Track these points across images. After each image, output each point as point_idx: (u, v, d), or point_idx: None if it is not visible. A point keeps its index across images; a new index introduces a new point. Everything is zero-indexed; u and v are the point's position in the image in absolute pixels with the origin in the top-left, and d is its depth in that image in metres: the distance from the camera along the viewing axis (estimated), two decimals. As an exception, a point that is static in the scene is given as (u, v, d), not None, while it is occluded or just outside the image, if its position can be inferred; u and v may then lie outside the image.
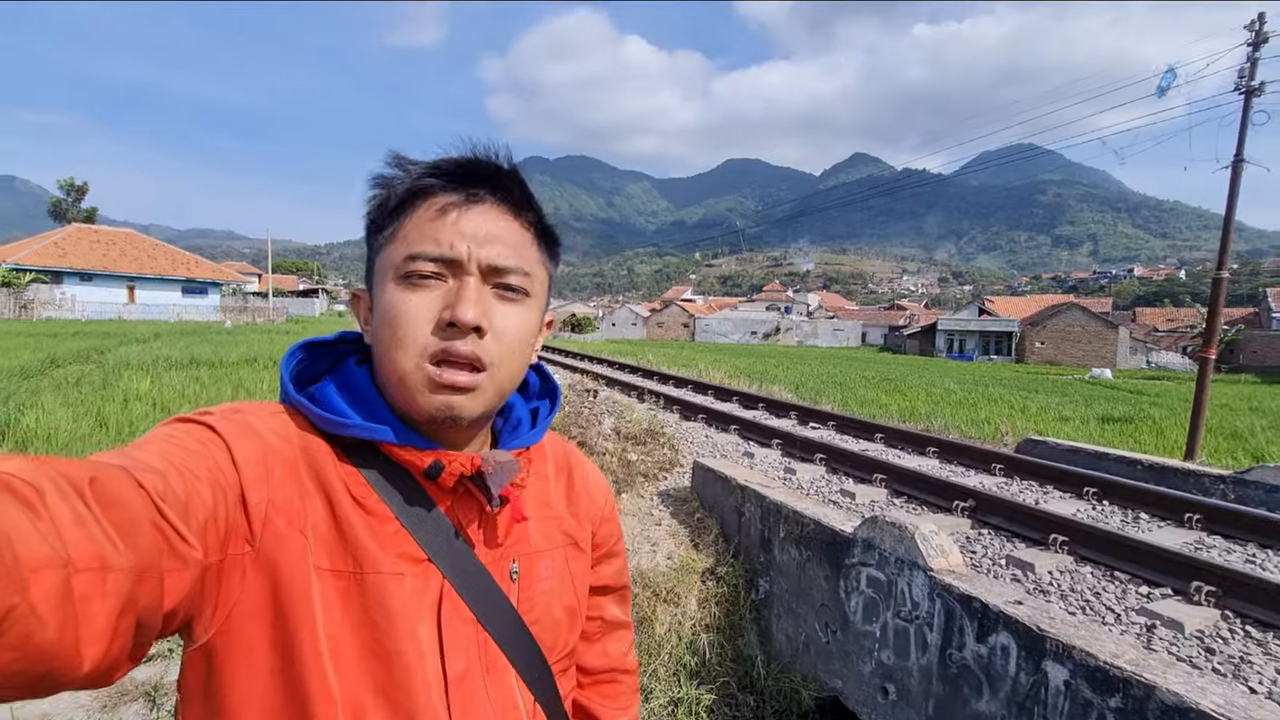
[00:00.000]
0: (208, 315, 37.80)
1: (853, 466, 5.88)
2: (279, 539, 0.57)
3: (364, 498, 0.63)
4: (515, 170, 0.69)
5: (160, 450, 0.53)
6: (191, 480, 0.52)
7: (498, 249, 0.65)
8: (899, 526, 3.23)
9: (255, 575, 0.56)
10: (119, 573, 0.43)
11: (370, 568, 0.61)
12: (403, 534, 0.63)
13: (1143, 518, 4.68)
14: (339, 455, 0.64)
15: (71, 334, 18.66)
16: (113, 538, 0.43)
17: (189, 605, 0.52)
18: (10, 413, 6.19)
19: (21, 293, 31.36)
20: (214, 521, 0.53)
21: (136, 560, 0.44)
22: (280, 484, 0.59)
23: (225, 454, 0.56)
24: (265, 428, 0.61)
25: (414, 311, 0.62)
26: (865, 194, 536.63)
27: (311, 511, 0.60)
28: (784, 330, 66.13)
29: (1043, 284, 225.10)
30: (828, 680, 3.67)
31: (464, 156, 0.67)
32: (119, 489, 0.45)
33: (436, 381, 0.62)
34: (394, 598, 0.61)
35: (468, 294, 0.63)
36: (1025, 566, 3.69)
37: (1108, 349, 42.37)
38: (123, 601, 0.43)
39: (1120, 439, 9.04)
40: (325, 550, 0.60)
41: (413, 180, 0.65)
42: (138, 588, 0.44)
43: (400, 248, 0.64)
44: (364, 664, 0.59)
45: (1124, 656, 2.27)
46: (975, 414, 10.69)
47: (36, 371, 9.91)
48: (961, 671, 2.82)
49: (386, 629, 0.60)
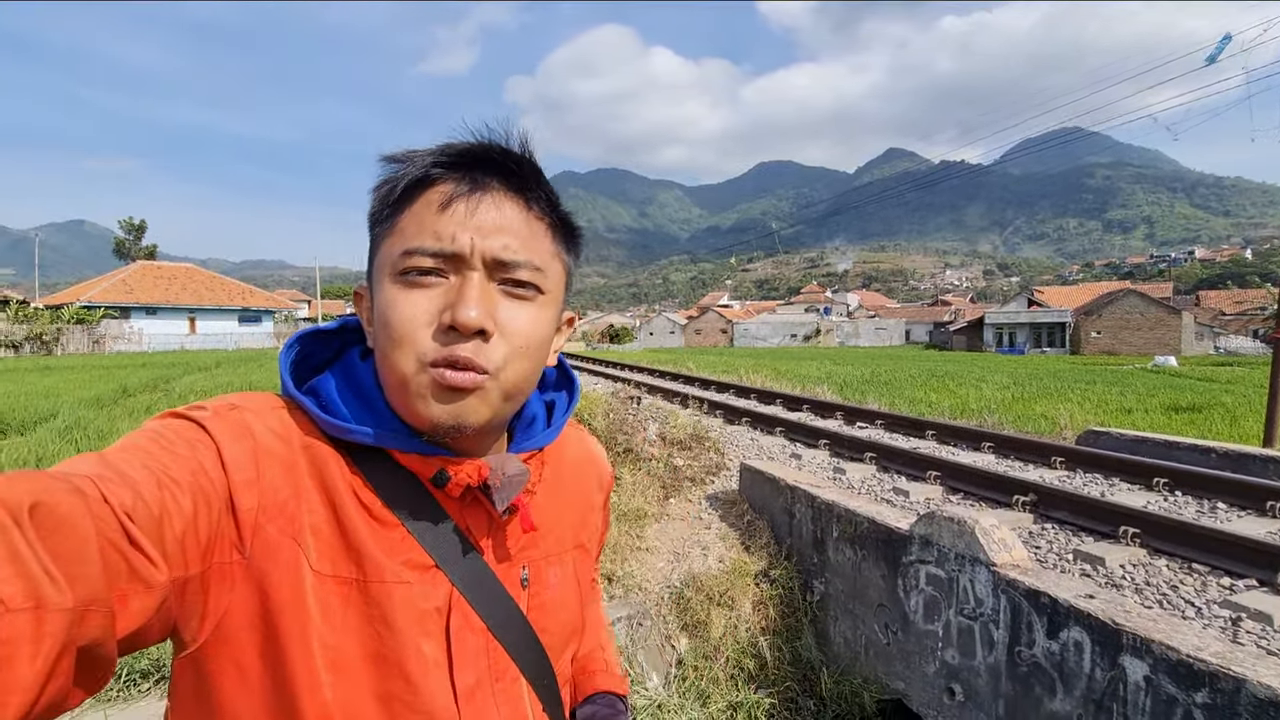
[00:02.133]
0: (263, 342, 39.52)
1: (904, 465, 5.75)
2: (269, 547, 0.54)
3: (369, 502, 0.60)
4: (528, 154, 0.63)
5: (143, 453, 0.50)
6: (169, 488, 0.49)
7: (504, 240, 0.59)
8: (958, 521, 3.15)
9: (245, 584, 0.54)
10: (58, 613, 0.38)
11: (374, 575, 0.57)
12: (409, 540, 0.60)
13: (1220, 507, 4.43)
14: (343, 456, 0.60)
15: (140, 365, 19.74)
16: (51, 572, 0.38)
17: (163, 621, 0.49)
18: (89, 440, 6.60)
19: (94, 328, 33.40)
20: (193, 532, 0.49)
21: (81, 594, 0.40)
22: (272, 488, 0.55)
23: (214, 456, 0.53)
24: (262, 426, 0.57)
25: (412, 313, 0.57)
26: (901, 188, 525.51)
27: (310, 515, 0.57)
28: (824, 332, 65.08)
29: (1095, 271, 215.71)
30: (889, 682, 3.59)
31: (471, 141, 0.61)
32: (65, 513, 0.41)
33: (438, 387, 0.57)
34: (398, 606, 0.58)
35: (470, 293, 0.57)
36: (1095, 561, 3.54)
37: (1170, 336, 40.27)
38: (60, 643, 0.39)
39: (1190, 428, 8.57)
40: (327, 555, 0.56)
41: (414, 169, 0.59)
42: (81, 624, 0.40)
43: (398, 242, 0.58)
44: (365, 673, 0.56)
45: (1209, 649, 2.16)
46: (1030, 408, 10.30)
47: (110, 401, 10.52)
48: (1032, 669, 2.72)
49: (389, 638, 0.57)
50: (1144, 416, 9.49)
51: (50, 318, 32.46)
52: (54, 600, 0.38)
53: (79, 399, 10.20)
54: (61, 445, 6.31)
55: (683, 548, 4.64)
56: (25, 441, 6.77)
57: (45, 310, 33.66)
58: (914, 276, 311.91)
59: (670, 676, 3.76)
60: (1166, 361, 25.39)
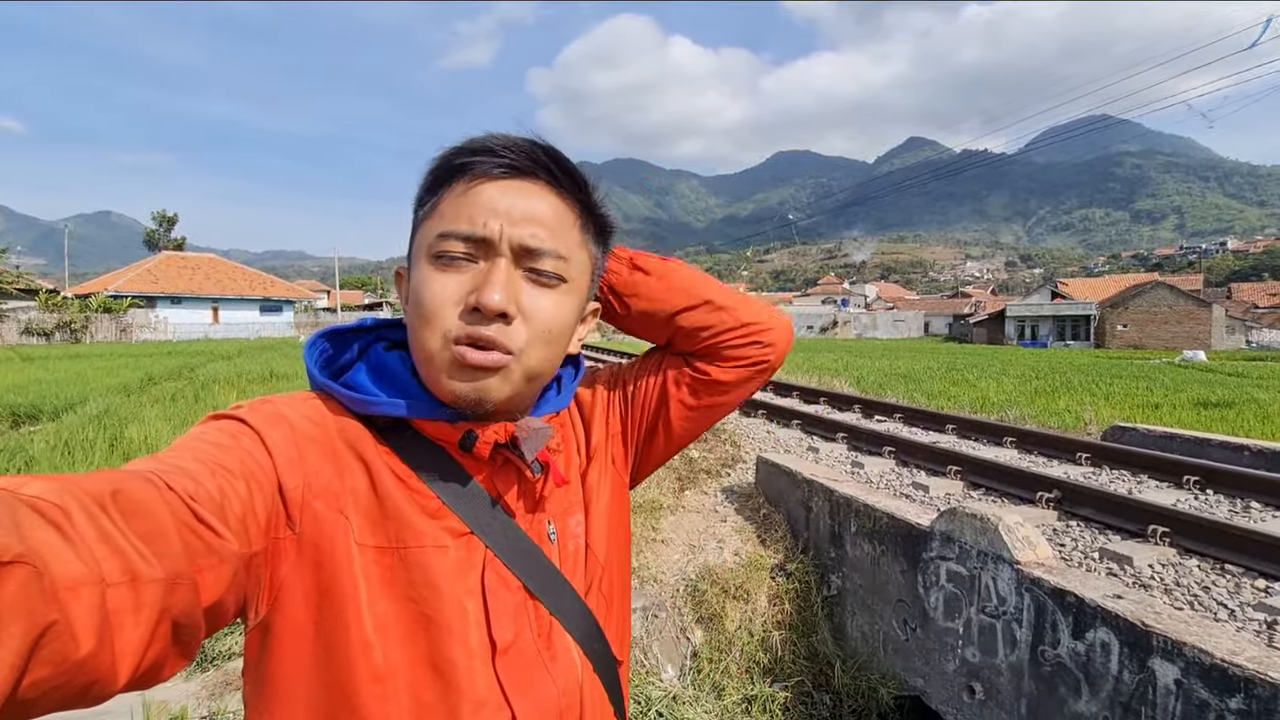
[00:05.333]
0: (283, 331, 40.11)
1: (924, 459, 5.67)
2: (318, 521, 0.58)
3: (402, 473, 0.63)
4: (560, 153, 0.67)
5: (193, 451, 0.54)
6: (224, 476, 0.52)
7: (531, 229, 0.62)
8: (980, 518, 3.08)
9: (299, 558, 0.57)
10: (151, 584, 0.43)
11: (414, 541, 0.61)
12: (442, 507, 0.63)
13: (1254, 506, 4.30)
14: (375, 435, 0.64)
15: (165, 353, 20.14)
16: (140, 549, 0.43)
17: (236, 595, 0.53)
18: (118, 426, 6.73)
19: (121, 317, 34.12)
20: (252, 513, 0.53)
21: (167, 568, 0.44)
22: (315, 466, 0.59)
23: (258, 444, 0.57)
24: (296, 414, 0.61)
25: (442, 292, 0.61)
26: (922, 178, 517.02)
27: (351, 490, 0.60)
28: (841, 323, 64.47)
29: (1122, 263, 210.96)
30: (907, 679, 3.54)
31: (509, 134, 0.65)
32: (141, 498, 0.45)
33: (461, 363, 0.60)
34: (438, 570, 0.61)
35: (496, 277, 0.60)
36: (1122, 560, 3.46)
37: (1200, 329, 39.29)
38: (157, 611, 0.43)
39: (1221, 425, 8.34)
40: (368, 527, 0.60)
41: (458, 157, 0.63)
42: (171, 594, 0.44)
43: (435, 224, 0.63)
44: (412, 637, 0.59)
45: (1244, 654, 2.09)
46: (1053, 402, 10.09)
47: (137, 389, 10.74)
48: (1057, 670, 2.66)
49: (432, 601, 0.60)
50: (1172, 412, 9.25)
51: (79, 306, 33.22)
52: (146, 574, 0.43)
53: (107, 386, 10.42)
54: (94, 431, 6.43)
55: (698, 540, 4.62)
56: (58, 427, 6.93)
57: (74, 299, 34.46)
58: (934, 268, 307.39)
59: (685, 668, 3.76)
60: (1195, 356, 24.77)
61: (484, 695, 0.61)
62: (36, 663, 0.37)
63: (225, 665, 2.91)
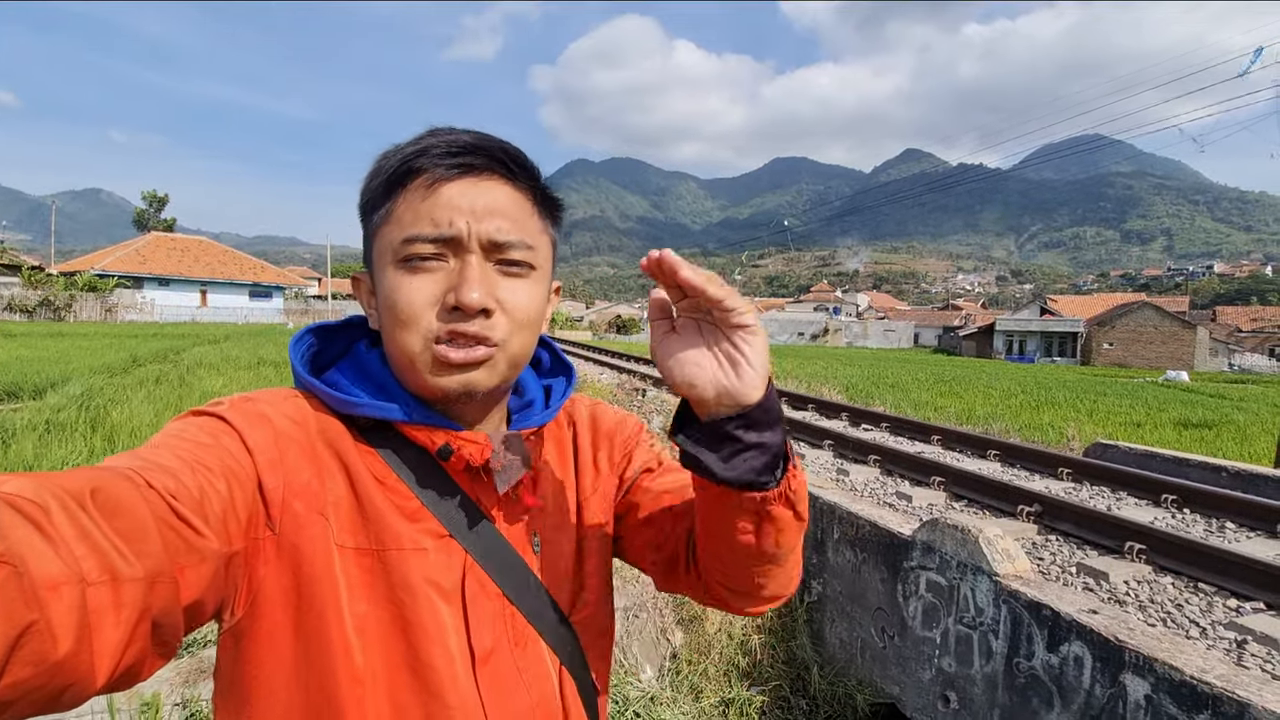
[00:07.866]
0: (272, 317, 39.73)
1: (908, 469, 5.71)
2: (298, 522, 0.57)
3: (382, 475, 0.63)
4: (508, 143, 0.65)
5: (172, 447, 0.53)
6: (205, 474, 0.52)
7: (497, 223, 0.62)
8: (961, 530, 3.11)
9: (278, 559, 0.57)
10: (132, 583, 0.42)
11: (393, 544, 0.60)
12: (422, 510, 0.63)
13: (1229, 527, 4.37)
14: (355, 436, 0.63)
15: (150, 335, 19.90)
16: (120, 548, 0.42)
17: (216, 595, 0.52)
18: (101, 407, 6.65)
19: (106, 297, 33.66)
20: (232, 511, 0.53)
21: (148, 566, 0.44)
22: (296, 467, 0.58)
23: (238, 443, 0.56)
24: (277, 413, 0.60)
25: (418, 296, 0.61)
26: (918, 189, 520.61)
27: (331, 490, 0.60)
28: (832, 331, 64.80)
29: (1111, 282, 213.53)
30: (884, 686, 3.57)
31: (454, 129, 0.64)
32: (121, 496, 0.44)
33: (445, 361, 0.60)
34: (417, 573, 0.61)
35: (471, 274, 0.60)
36: (1098, 575, 3.50)
37: (1184, 350, 39.86)
38: (138, 611, 0.43)
39: (1200, 445, 8.47)
40: (348, 528, 0.59)
41: (404, 160, 0.62)
42: (152, 593, 0.44)
43: (396, 229, 0.62)
44: (391, 640, 0.59)
45: (1213, 671, 2.13)
46: (1038, 417, 10.21)
47: (121, 370, 10.61)
48: (1030, 681, 2.69)
49: (410, 604, 0.60)
50: (1153, 431, 9.39)
51: (64, 284, 32.74)
52: (126, 572, 0.42)
53: (90, 366, 10.28)
54: (76, 412, 6.35)
55: (682, 542, 4.63)
56: (40, 406, 6.83)
57: (59, 277, 33.95)
58: (925, 279, 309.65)
59: (664, 669, 3.76)
60: (1178, 376, 25.12)
61: (462, 702, 0.60)
62: (15, 663, 0.36)
63: (200, 653, 2.89)
